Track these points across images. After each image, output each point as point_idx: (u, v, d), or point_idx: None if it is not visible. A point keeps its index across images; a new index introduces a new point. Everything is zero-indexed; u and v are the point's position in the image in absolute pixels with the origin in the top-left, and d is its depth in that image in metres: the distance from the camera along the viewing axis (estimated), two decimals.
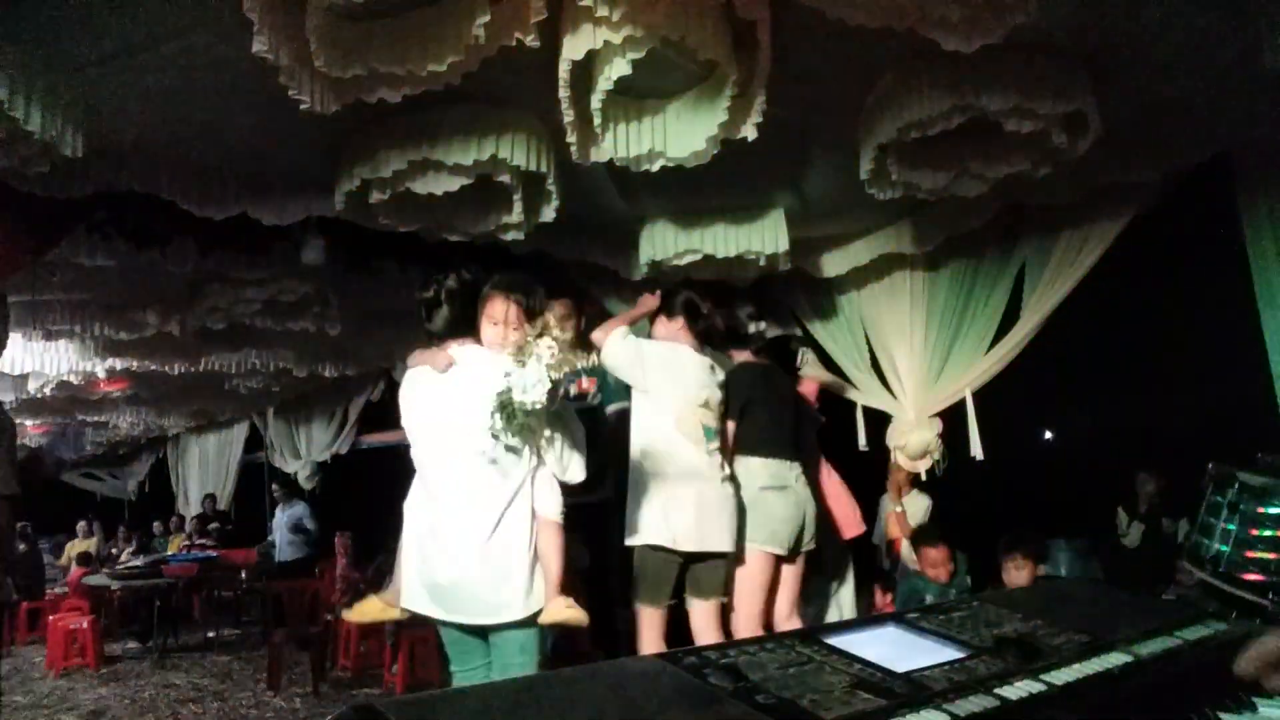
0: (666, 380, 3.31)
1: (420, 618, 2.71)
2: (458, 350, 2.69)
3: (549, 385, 2.41)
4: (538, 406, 2.42)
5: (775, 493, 3.45)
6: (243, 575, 9.56)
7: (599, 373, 3.51)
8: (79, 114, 3.01)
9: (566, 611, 2.56)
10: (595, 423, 3.30)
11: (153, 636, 8.02)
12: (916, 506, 5.45)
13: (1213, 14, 2.88)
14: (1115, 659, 1.22)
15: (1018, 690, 1.08)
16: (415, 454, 2.74)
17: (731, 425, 3.48)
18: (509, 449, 2.57)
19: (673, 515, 3.14)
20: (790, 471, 3.52)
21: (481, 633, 2.63)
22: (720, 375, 3.46)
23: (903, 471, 5.43)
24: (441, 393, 2.66)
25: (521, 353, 2.44)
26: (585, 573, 3.68)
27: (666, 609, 3.19)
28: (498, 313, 2.72)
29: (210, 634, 8.66)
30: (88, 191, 3.62)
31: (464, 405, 2.57)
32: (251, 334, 6.38)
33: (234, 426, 12.58)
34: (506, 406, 2.44)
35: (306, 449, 10.96)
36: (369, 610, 2.87)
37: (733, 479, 3.33)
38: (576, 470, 2.71)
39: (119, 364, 7.28)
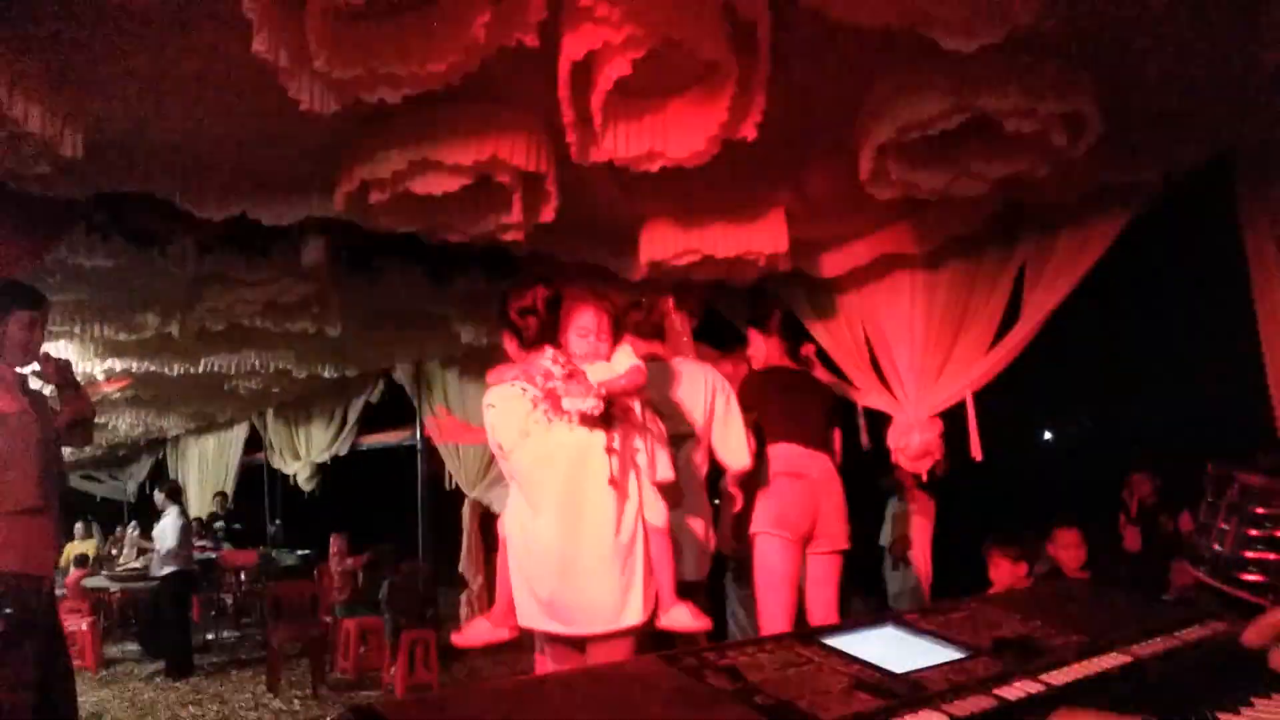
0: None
1: (546, 635, 2.66)
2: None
3: (593, 402, 2.49)
4: (597, 411, 2.48)
5: (788, 480, 3.51)
6: (242, 577, 9.56)
7: None
8: (79, 114, 3.01)
9: (693, 621, 2.59)
10: None
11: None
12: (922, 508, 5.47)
13: (1213, 13, 2.88)
14: (1115, 659, 1.22)
15: (1017, 691, 1.08)
16: (512, 469, 2.68)
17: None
18: (614, 457, 2.59)
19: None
20: (811, 461, 3.55)
21: (578, 644, 2.60)
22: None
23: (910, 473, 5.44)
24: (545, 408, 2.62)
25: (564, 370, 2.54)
26: None
27: None
28: (589, 323, 2.73)
29: (209, 636, 8.66)
30: (88, 191, 3.62)
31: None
32: (251, 335, 6.38)
33: (234, 427, 12.59)
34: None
35: (306, 450, 10.97)
36: (478, 633, 2.86)
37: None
38: (664, 468, 2.76)
39: (119, 364, 7.28)
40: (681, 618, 2.58)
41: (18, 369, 2.96)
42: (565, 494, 2.55)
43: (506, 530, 2.68)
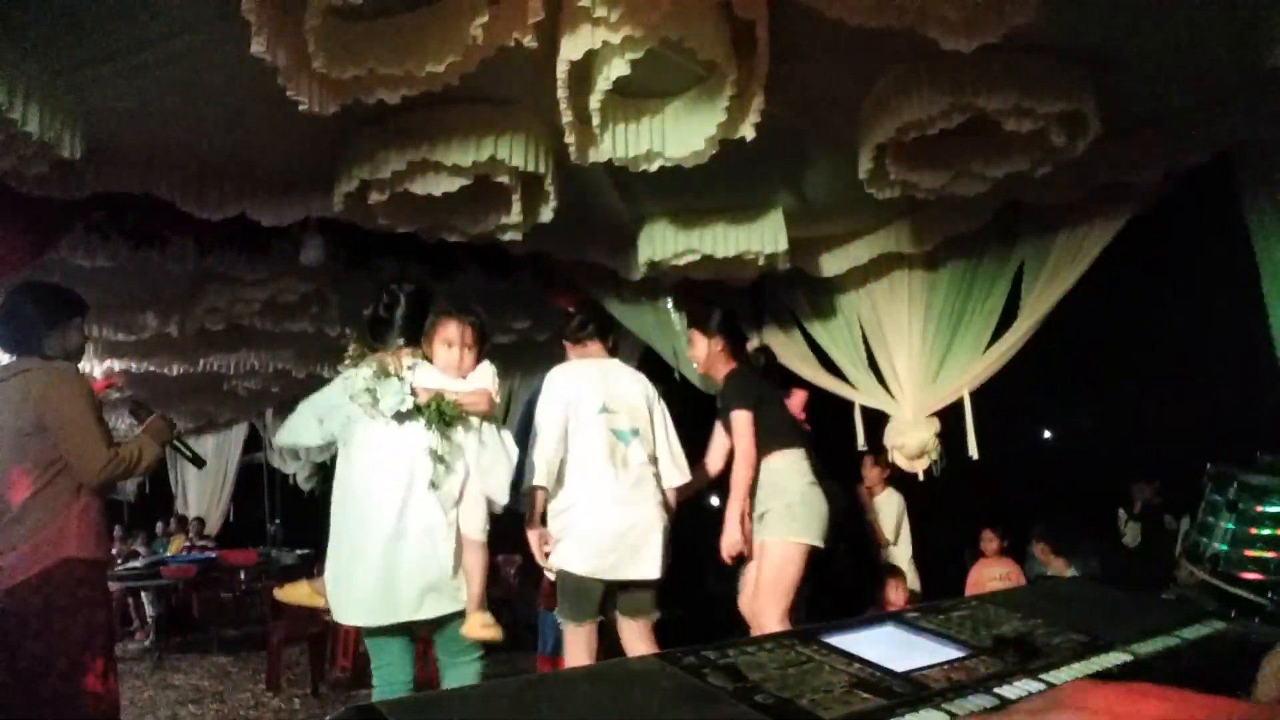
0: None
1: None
2: (417, 369, 2.77)
3: (403, 399, 2.63)
4: (389, 410, 2.63)
5: (816, 489, 3.47)
6: (242, 577, 9.55)
7: None
8: (78, 114, 3.01)
9: (484, 630, 2.67)
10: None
11: (152, 638, 8.02)
12: (890, 505, 5.44)
13: (1212, 13, 2.88)
14: (1114, 658, 1.22)
15: (1017, 690, 1.08)
16: (350, 457, 2.78)
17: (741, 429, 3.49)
18: (444, 463, 2.68)
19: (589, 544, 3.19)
20: (815, 464, 3.56)
21: (405, 631, 2.69)
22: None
23: (876, 470, 5.45)
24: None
25: (382, 370, 2.67)
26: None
27: (594, 624, 3.19)
28: (453, 335, 2.80)
29: (209, 634, 8.65)
30: (87, 192, 3.62)
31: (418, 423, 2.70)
32: (250, 335, 6.38)
33: (233, 427, 12.57)
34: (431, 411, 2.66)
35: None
36: (298, 594, 2.99)
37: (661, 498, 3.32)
38: (498, 489, 2.80)
39: (118, 364, 7.27)
40: (473, 625, 2.67)
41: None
42: (401, 489, 2.65)
43: (334, 513, 2.77)
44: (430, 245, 4.45)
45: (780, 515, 3.44)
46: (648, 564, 3.15)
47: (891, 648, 1.18)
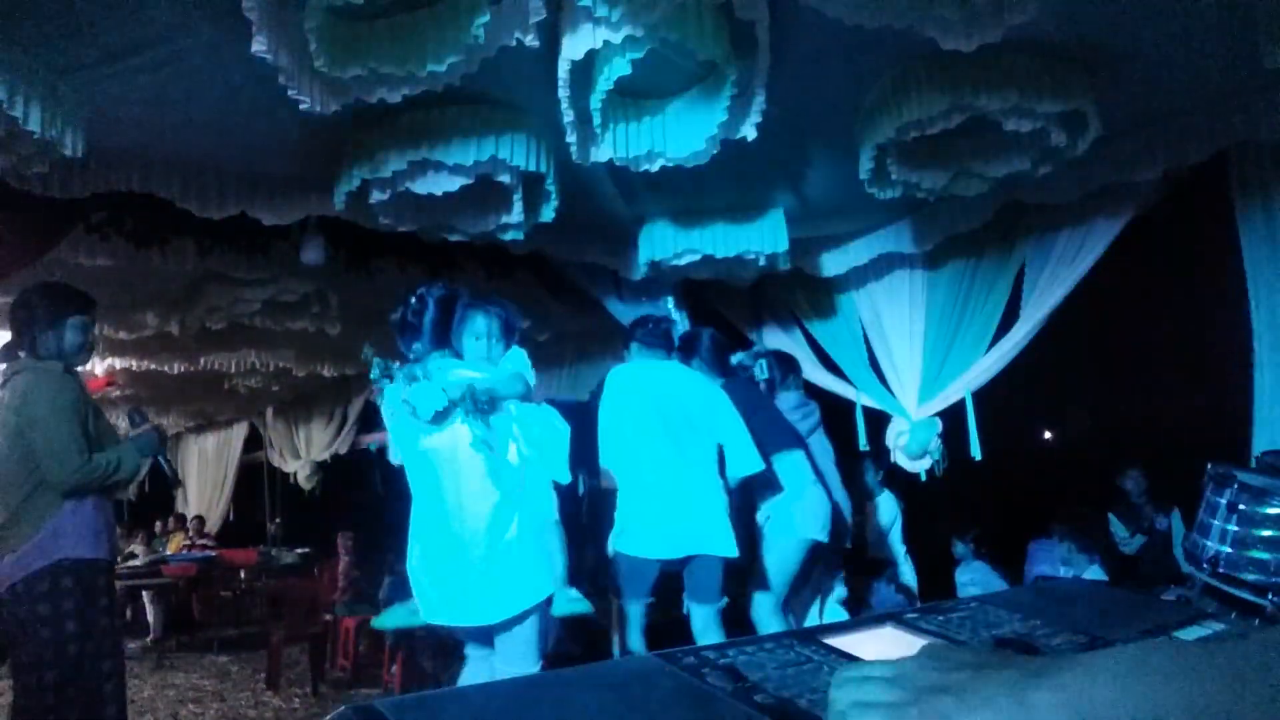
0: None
1: (437, 627, 2.81)
2: (442, 366, 2.78)
3: (436, 399, 2.61)
4: (427, 415, 2.62)
5: (817, 486, 3.65)
6: (242, 575, 9.55)
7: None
8: (79, 114, 3.01)
9: (569, 604, 2.70)
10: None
11: (152, 637, 8.02)
12: (884, 508, 5.44)
13: (1212, 13, 2.88)
14: None
15: None
16: (409, 466, 2.80)
17: None
18: (495, 451, 2.67)
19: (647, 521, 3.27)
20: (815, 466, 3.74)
21: (484, 633, 2.70)
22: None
23: (873, 473, 5.46)
24: None
25: (409, 378, 2.65)
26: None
27: (647, 604, 3.27)
28: (480, 328, 2.85)
29: (210, 634, 8.66)
30: (87, 191, 3.62)
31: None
32: (251, 334, 6.38)
33: (233, 426, 12.57)
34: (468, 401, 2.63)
35: (306, 449, 10.94)
36: (395, 618, 3.00)
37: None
38: (559, 469, 2.82)
39: (119, 363, 7.27)
40: (560, 602, 2.69)
41: (77, 369, 3.03)
42: (463, 487, 2.67)
43: (414, 526, 2.80)
44: (430, 245, 4.45)
45: (785, 511, 3.58)
46: (705, 540, 3.21)
47: (891, 648, 1.18)
